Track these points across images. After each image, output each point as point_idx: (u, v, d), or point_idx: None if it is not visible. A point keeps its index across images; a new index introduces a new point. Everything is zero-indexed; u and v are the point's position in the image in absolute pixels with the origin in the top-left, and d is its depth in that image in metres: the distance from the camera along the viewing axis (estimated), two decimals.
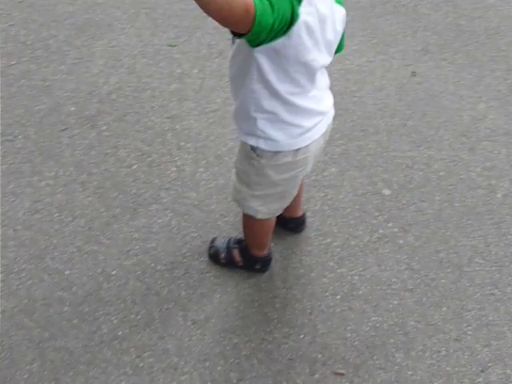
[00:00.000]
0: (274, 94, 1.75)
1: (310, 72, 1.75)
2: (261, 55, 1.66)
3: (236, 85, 1.82)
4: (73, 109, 2.91)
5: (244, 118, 1.84)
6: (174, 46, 3.25)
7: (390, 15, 3.57)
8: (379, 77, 3.21)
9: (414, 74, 3.26)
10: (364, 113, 3.03)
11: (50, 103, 2.92)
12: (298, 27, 1.60)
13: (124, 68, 3.12)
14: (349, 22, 3.19)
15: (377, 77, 3.21)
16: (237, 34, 1.56)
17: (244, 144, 1.89)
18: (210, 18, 1.49)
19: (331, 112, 1.98)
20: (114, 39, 3.25)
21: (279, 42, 1.61)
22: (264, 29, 1.53)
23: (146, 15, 3.39)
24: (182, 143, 2.82)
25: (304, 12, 1.59)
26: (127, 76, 3.09)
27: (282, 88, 1.73)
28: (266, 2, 1.50)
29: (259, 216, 2.08)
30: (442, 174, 2.80)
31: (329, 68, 1.86)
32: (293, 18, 1.57)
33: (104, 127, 2.85)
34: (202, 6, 1.45)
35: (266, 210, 2.06)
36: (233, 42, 1.75)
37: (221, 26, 1.52)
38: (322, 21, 1.66)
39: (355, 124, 2.97)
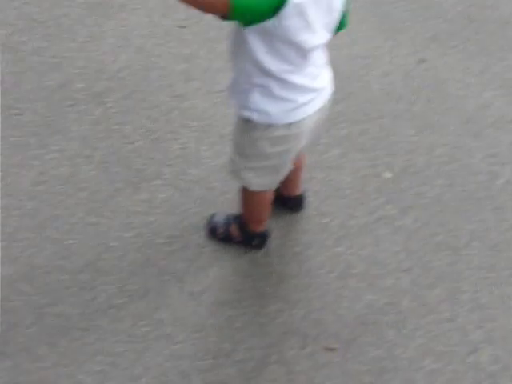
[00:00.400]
0: (266, 72, 1.79)
1: (302, 51, 1.78)
2: (251, 35, 1.71)
3: (232, 57, 1.87)
4: (81, 85, 2.96)
5: (238, 90, 1.88)
6: (184, 27, 3.28)
7: (401, 2, 3.57)
8: (387, 62, 3.22)
9: (422, 60, 3.27)
10: (369, 97, 3.04)
11: (59, 79, 2.98)
12: (289, 9, 1.64)
13: (134, 47, 3.17)
14: (359, 8, 3.19)
15: (384, 62, 3.22)
16: (225, 18, 1.62)
17: (239, 116, 1.94)
18: None
19: (328, 89, 2.00)
20: (125, 19, 3.29)
21: (269, 23, 1.66)
22: (247, 9, 1.59)
23: None
24: (187, 122, 2.86)
25: None
26: (136, 55, 3.13)
27: (274, 66, 1.78)
28: None
29: (253, 187, 2.12)
30: (444, 159, 2.81)
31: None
32: (282, 0, 1.61)
33: (111, 104, 2.90)
34: None
35: (260, 181, 2.09)
36: None
37: None
38: (316, 1, 1.69)
39: (360, 108, 2.99)
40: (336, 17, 1.82)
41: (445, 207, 2.63)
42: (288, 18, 1.66)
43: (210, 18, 3.34)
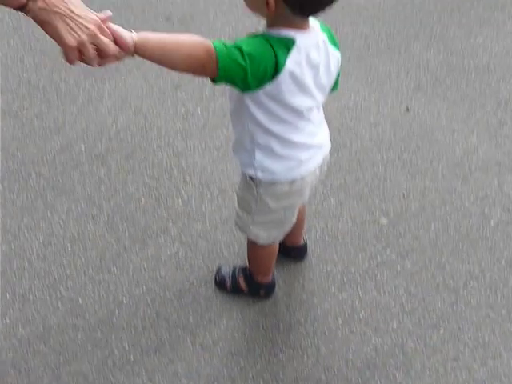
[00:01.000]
0: (268, 132, 1.87)
1: (298, 112, 1.86)
2: (249, 99, 1.79)
3: (234, 119, 1.96)
4: (83, 147, 3.06)
5: (242, 150, 1.97)
6: (178, 86, 3.41)
7: (383, 55, 3.74)
8: (374, 113, 3.37)
9: (407, 110, 3.42)
10: (360, 147, 3.17)
11: (61, 142, 3.07)
12: (283, 76, 1.73)
13: (131, 108, 3.28)
14: (345, 62, 3.36)
15: (372, 113, 3.36)
16: (214, 80, 1.70)
17: (243, 173, 2.03)
18: None
19: (327, 144, 2.10)
20: (122, 81, 3.42)
21: (265, 88, 1.75)
22: (233, 72, 1.66)
23: None
24: (188, 178, 2.96)
25: (292, 61, 1.72)
26: (134, 116, 3.24)
27: (273, 127, 1.86)
28: (235, 50, 1.64)
29: (260, 241, 2.20)
30: (436, 203, 2.93)
31: (327, 105, 2.00)
32: (277, 68, 1.71)
33: (113, 164, 2.99)
34: (167, 64, 1.64)
35: (267, 235, 2.18)
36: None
37: None
38: (313, 67, 1.79)
39: (352, 158, 3.11)
40: (332, 80, 1.93)
41: (441, 250, 2.74)
42: (283, 84, 1.74)
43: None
